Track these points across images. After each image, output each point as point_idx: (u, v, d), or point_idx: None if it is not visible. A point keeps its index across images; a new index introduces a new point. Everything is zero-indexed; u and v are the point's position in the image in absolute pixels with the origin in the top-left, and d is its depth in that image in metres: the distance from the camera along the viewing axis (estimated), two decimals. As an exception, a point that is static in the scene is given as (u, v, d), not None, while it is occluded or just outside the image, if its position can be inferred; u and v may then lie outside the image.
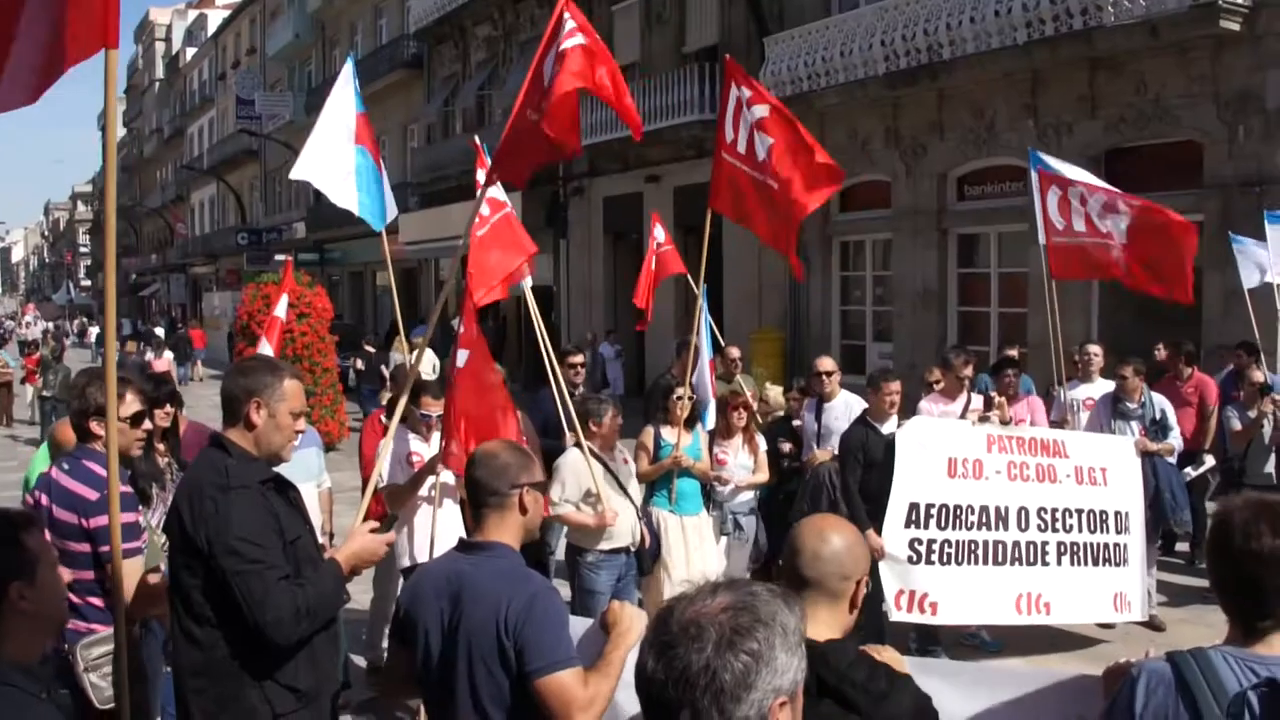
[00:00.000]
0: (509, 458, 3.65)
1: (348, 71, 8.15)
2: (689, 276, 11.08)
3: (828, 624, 2.81)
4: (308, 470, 7.62)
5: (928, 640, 8.35)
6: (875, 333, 21.41)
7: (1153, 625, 8.56)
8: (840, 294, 22.33)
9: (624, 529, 7.56)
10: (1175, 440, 9.64)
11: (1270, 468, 10.31)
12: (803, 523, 3.04)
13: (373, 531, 4.22)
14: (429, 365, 22.60)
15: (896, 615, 7.91)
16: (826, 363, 9.72)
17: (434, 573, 3.63)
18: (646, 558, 7.95)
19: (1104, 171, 16.34)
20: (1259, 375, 10.52)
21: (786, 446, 9.66)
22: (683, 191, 23.53)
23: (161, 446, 6.19)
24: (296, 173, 7.92)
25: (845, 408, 9.37)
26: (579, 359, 10.18)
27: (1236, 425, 10.22)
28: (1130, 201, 9.29)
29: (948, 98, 18.89)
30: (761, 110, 7.62)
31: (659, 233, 11.94)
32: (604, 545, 7.52)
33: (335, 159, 7.84)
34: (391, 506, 7.28)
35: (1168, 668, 2.67)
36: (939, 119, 19.15)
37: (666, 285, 23.63)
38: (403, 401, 6.27)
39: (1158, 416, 9.60)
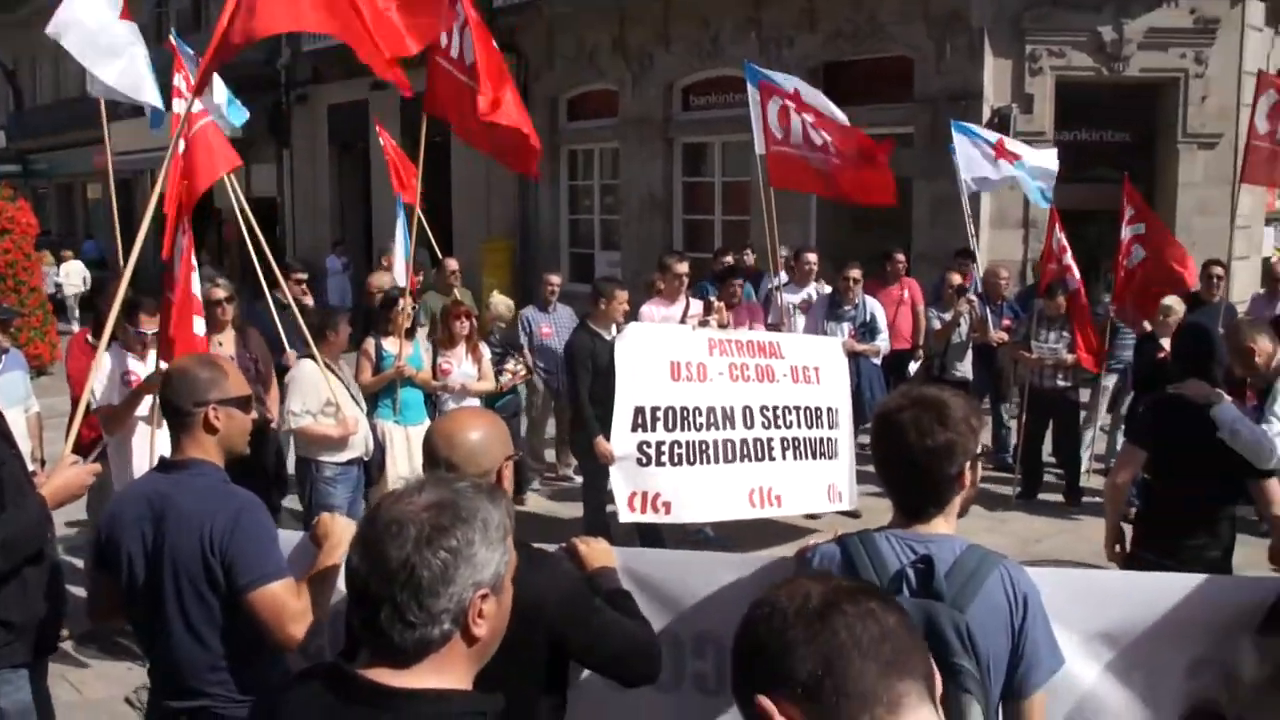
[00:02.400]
0: (197, 374, 3.52)
1: None
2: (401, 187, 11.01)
3: None
4: (14, 394, 7.33)
5: (652, 541, 8.50)
6: (603, 241, 21.58)
7: (851, 514, 8.94)
8: (569, 203, 22.37)
9: (358, 439, 7.55)
10: (882, 342, 10.14)
11: (967, 365, 10.96)
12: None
13: (75, 464, 4.04)
14: (79, 278, 21.52)
15: (629, 516, 7.99)
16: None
17: (134, 495, 3.50)
18: (373, 468, 7.87)
19: (822, 84, 16.78)
20: (956, 278, 11.10)
21: None
22: (410, 99, 22.83)
23: None
24: (54, 28, 7.18)
25: (571, 318, 9.45)
26: (303, 274, 9.83)
27: (936, 325, 10.82)
28: (831, 123, 9.59)
29: (674, 9, 19.00)
30: (473, 14, 7.49)
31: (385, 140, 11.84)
32: (340, 457, 7.45)
33: (103, 30, 7.16)
34: (107, 429, 6.90)
35: (837, 549, 2.83)
36: (666, 30, 19.27)
37: (391, 197, 23.26)
38: (111, 319, 5.95)
39: (868, 319, 10.08)
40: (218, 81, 7.67)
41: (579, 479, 9.72)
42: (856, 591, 1.59)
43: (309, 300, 9.67)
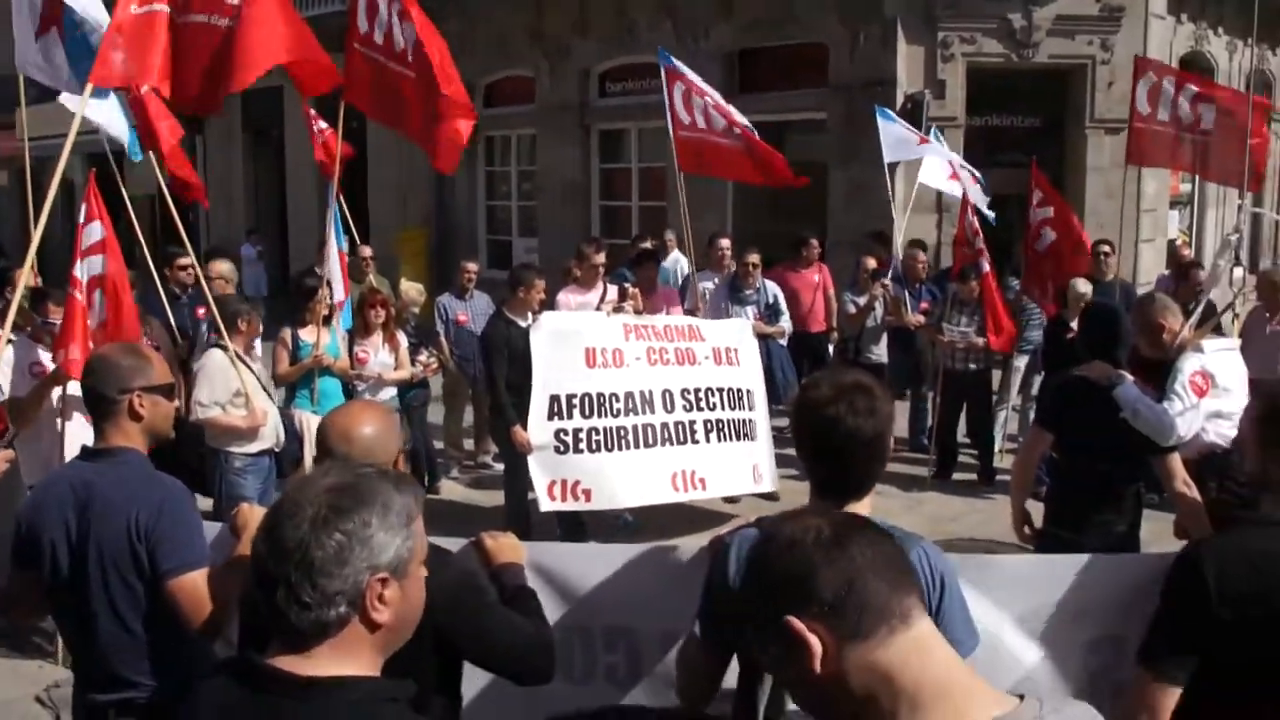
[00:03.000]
0: (120, 361, 3.51)
1: None
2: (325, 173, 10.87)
3: None
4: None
5: (573, 529, 8.52)
6: (521, 228, 21.51)
7: (769, 496, 9.01)
8: (486, 190, 22.27)
9: (269, 430, 7.47)
10: (786, 324, 10.27)
11: (883, 349, 11.10)
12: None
13: None
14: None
15: (549, 505, 7.99)
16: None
17: (56, 484, 3.48)
18: (287, 460, 7.81)
19: (738, 72, 16.96)
20: (871, 262, 11.23)
21: None
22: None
23: None
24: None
25: (489, 305, 9.42)
26: (188, 261, 9.44)
27: (851, 309, 10.95)
28: (726, 111, 9.68)
29: (591, -4, 19.00)
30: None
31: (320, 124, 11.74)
32: (249, 448, 7.37)
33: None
34: (14, 421, 6.77)
35: (756, 534, 2.81)
36: (582, 17, 19.24)
37: (307, 184, 23.04)
38: (13, 310, 5.86)
39: (771, 301, 10.20)
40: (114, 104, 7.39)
41: (499, 466, 9.71)
42: (854, 521, 1.77)
43: (189, 290, 9.40)
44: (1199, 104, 10.64)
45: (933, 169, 11.61)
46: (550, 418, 8.02)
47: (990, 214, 11.64)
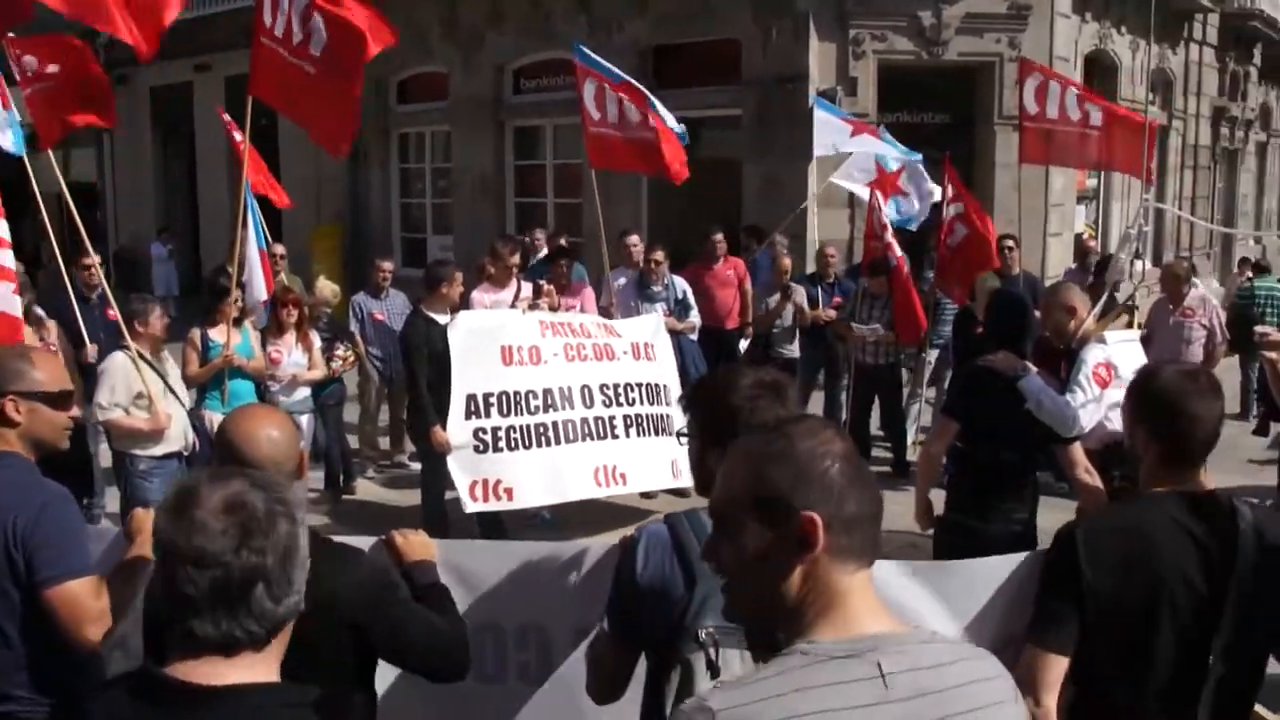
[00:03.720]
0: None
1: None
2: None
3: None
4: None
5: (492, 528, 8.49)
6: (436, 225, 21.38)
7: (679, 493, 9.02)
8: (400, 187, 22.08)
9: (176, 433, 7.35)
10: (695, 319, 10.35)
11: (795, 346, 11.20)
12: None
13: None
14: None
15: (473, 506, 7.95)
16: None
17: None
18: (197, 463, 7.70)
19: (652, 67, 16.99)
20: (786, 260, 11.33)
21: None
22: (236, 82, 22.30)
23: None
24: None
25: (405, 303, 9.38)
26: (90, 261, 9.21)
27: (763, 309, 11.06)
28: (634, 102, 9.72)
29: (506, -10, 18.93)
30: None
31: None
32: (155, 451, 7.26)
33: None
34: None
35: (665, 529, 2.82)
36: (497, 11, 19.16)
37: (218, 181, 22.73)
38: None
39: (680, 297, 10.26)
40: None
41: (415, 466, 9.66)
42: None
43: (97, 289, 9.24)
44: (1084, 103, 10.91)
45: (853, 168, 11.72)
46: (468, 417, 8.00)
47: (911, 226, 11.85)
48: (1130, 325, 9.05)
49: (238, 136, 11.48)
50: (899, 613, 2.94)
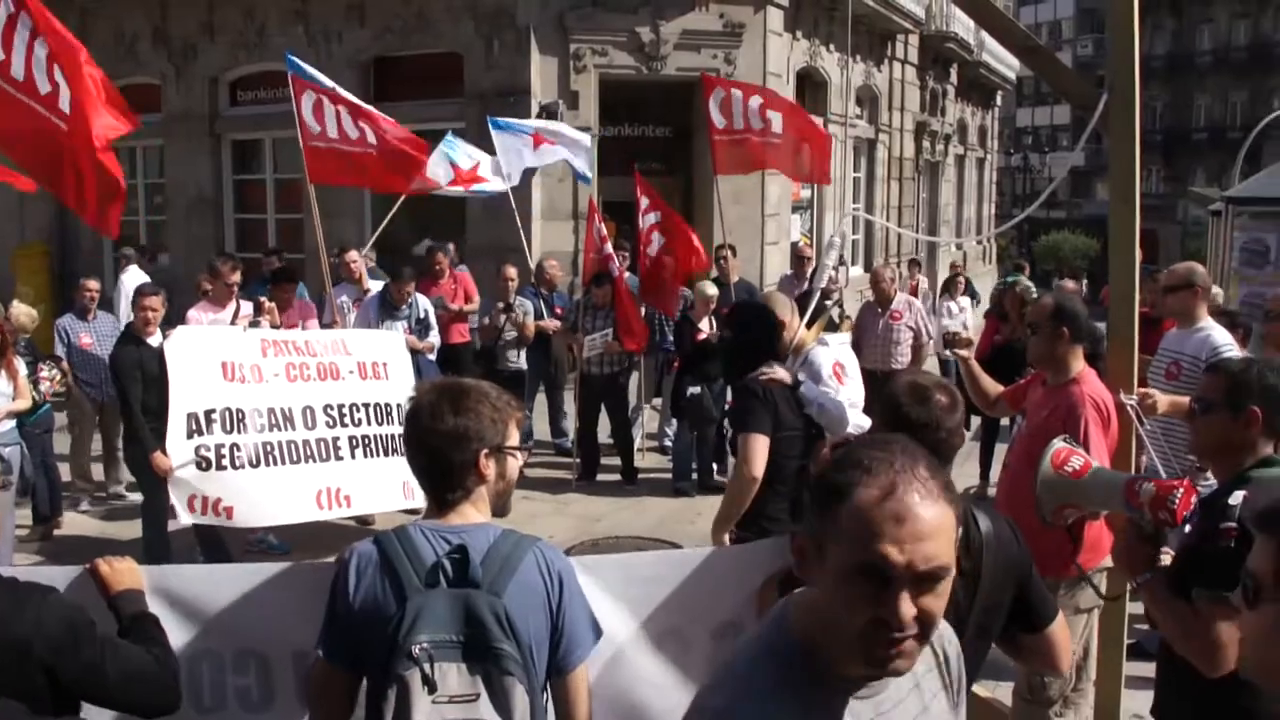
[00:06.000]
0: None
1: None
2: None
3: None
4: None
5: (214, 549, 8.21)
6: (151, 243, 20.49)
7: (413, 512, 8.90)
8: (112, 204, 21.07)
9: None
10: (434, 339, 10.31)
11: (521, 358, 11.23)
12: None
13: None
14: None
15: (189, 518, 7.61)
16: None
17: None
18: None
19: (372, 80, 16.82)
20: (511, 271, 11.33)
21: None
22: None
23: None
24: None
25: (114, 326, 8.99)
26: None
27: (486, 320, 11.19)
28: (370, 116, 9.65)
29: (218, -1, 18.38)
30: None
31: None
32: None
33: None
34: None
35: (374, 548, 2.83)
36: (210, 20, 18.58)
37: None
38: None
39: (422, 316, 10.20)
40: None
41: (134, 496, 9.27)
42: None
43: None
44: (766, 111, 11.36)
45: (510, 153, 11.76)
46: (190, 435, 7.67)
47: (587, 175, 12.07)
48: (842, 328, 9.42)
49: None
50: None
